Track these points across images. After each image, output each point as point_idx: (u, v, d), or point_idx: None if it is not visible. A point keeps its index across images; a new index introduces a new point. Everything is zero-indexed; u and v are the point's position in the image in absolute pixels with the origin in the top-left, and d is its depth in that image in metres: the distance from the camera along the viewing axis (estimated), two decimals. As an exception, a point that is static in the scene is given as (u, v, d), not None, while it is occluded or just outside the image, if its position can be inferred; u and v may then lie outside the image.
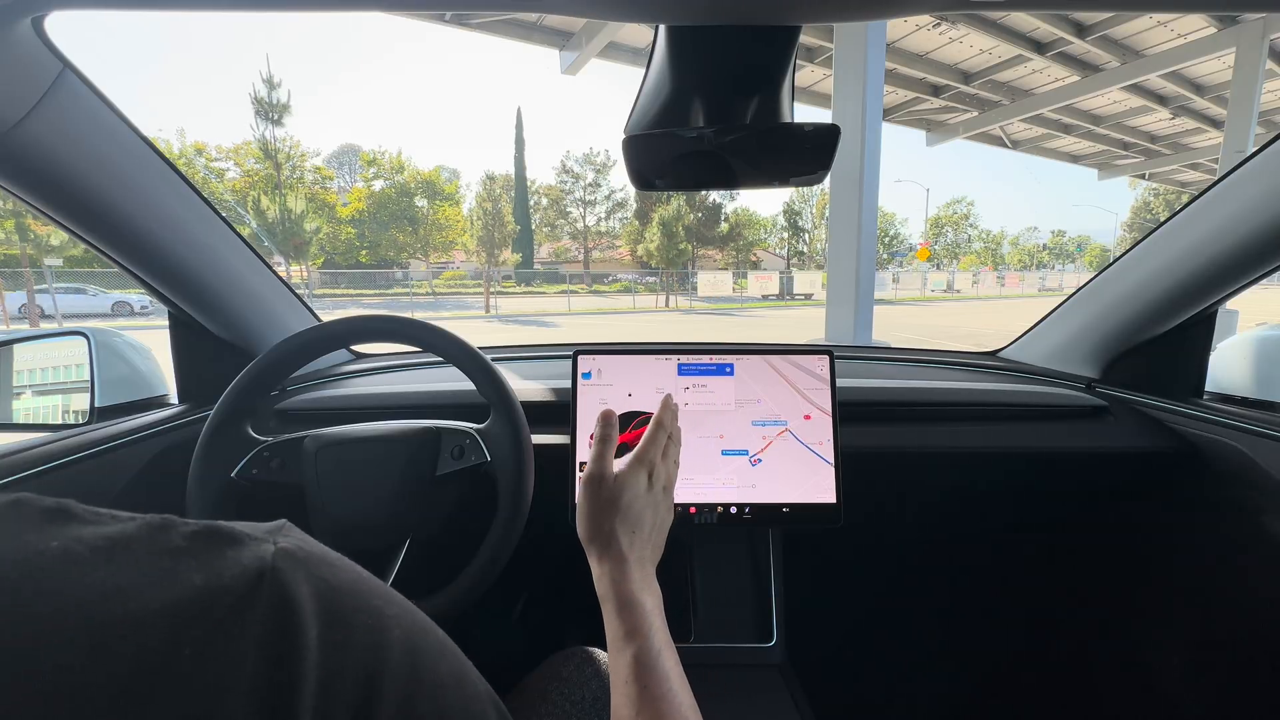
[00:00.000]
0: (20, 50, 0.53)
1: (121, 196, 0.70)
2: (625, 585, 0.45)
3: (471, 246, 23.41)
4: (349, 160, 41.21)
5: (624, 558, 0.47)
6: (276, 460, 0.71)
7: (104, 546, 0.15)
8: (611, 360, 0.84)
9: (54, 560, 0.14)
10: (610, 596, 0.45)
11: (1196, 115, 11.35)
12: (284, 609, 0.16)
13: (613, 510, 0.50)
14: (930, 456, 0.94)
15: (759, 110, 0.55)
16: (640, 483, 0.52)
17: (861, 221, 4.99)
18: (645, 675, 0.40)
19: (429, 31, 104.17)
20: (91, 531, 0.15)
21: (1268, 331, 0.88)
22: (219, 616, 0.15)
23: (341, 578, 0.19)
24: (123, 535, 0.16)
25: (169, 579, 0.15)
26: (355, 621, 0.18)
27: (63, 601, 0.13)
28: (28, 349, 0.91)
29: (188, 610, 0.15)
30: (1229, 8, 0.46)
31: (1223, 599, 0.88)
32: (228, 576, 0.16)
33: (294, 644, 0.15)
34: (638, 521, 0.50)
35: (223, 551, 0.17)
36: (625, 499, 0.50)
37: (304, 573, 0.17)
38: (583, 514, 0.51)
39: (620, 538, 0.48)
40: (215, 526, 0.17)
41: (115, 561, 0.15)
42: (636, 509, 0.50)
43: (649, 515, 0.51)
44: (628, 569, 0.47)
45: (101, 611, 0.14)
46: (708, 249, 33.19)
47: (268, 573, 0.16)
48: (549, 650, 0.72)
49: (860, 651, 1.24)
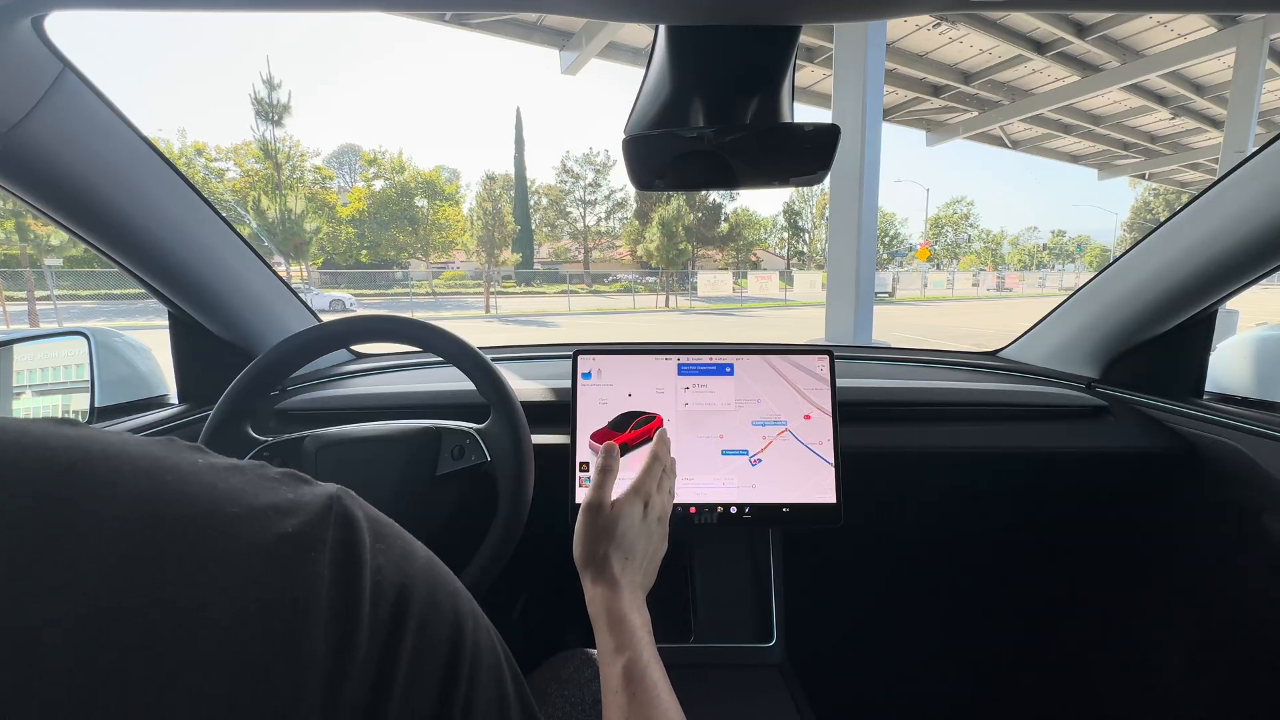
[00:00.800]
0: (20, 50, 0.53)
1: (121, 197, 0.70)
2: (616, 605, 0.48)
3: (471, 246, 23.41)
4: (349, 160, 41.22)
5: (616, 581, 0.50)
6: (276, 460, 0.71)
7: (228, 467, 0.22)
8: (611, 360, 0.84)
9: (203, 469, 0.21)
10: (602, 615, 0.48)
11: (1196, 115, 11.35)
12: (347, 521, 0.22)
13: (608, 538, 0.52)
14: (930, 456, 0.94)
15: (759, 110, 0.54)
16: (636, 513, 0.55)
17: (861, 221, 4.98)
18: (634, 685, 0.42)
19: (429, 31, 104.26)
20: (219, 460, 0.22)
21: (1268, 331, 0.88)
22: (307, 520, 0.21)
23: (380, 518, 0.25)
24: (237, 464, 0.22)
25: (271, 493, 0.21)
26: (392, 534, 0.24)
27: (210, 497, 0.20)
28: (28, 349, 0.91)
29: (284, 512, 0.20)
30: (1229, 8, 0.46)
31: (1222, 599, 0.88)
32: (308, 496, 0.22)
33: (355, 541, 0.21)
34: (631, 549, 0.53)
35: (301, 484, 0.23)
36: (621, 528, 0.53)
37: (357, 504, 0.24)
38: (580, 539, 0.53)
39: (614, 564, 0.51)
40: (293, 471, 0.24)
41: (237, 476, 0.21)
42: (630, 538, 0.53)
43: (642, 544, 0.54)
44: (619, 591, 0.49)
45: (225, 509, 0.20)
46: (708, 249, 33.20)
47: (334, 498, 0.22)
48: (549, 651, 0.72)
49: (860, 651, 1.24)
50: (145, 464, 0.20)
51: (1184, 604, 0.94)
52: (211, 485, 0.20)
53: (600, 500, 0.54)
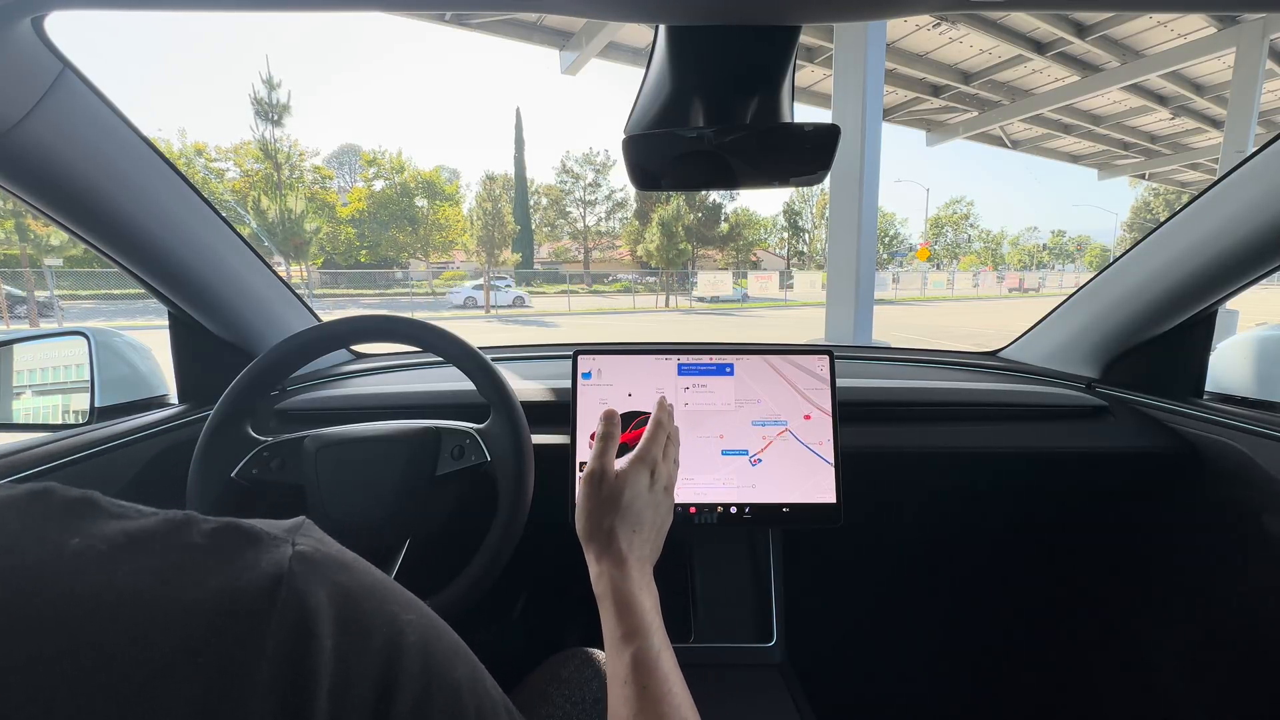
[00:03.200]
0: (20, 50, 0.53)
1: (121, 197, 0.70)
2: (624, 585, 0.45)
3: (471, 246, 23.43)
4: (349, 160, 41.19)
5: (624, 557, 0.47)
6: (276, 460, 0.71)
7: (124, 544, 0.15)
8: (611, 360, 0.84)
9: (72, 558, 0.14)
10: (608, 596, 0.45)
11: (1196, 115, 11.35)
12: (300, 616, 0.16)
13: (613, 508, 0.49)
14: (930, 456, 0.94)
15: (759, 110, 0.54)
16: (642, 481, 0.52)
17: (861, 221, 4.98)
18: (644, 675, 0.40)
19: (429, 31, 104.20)
20: (114, 527, 0.16)
21: (1268, 331, 0.88)
22: (236, 621, 0.15)
23: (358, 581, 0.19)
24: (142, 531, 0.16)
25: (186, 580, 0.15)
26: (372, 627, 0.18)
27: (75, 603, 0.13)
28: (28, 349, 0.91)
29: (203, 613, 0.14)
30: (1229, 8, 0.46)
31: (1223, 599, 0.88)
32: (244, 580, 0.15)
33: (309, 650, 0.15)
34: (638, 520, 0.50)
35: (241, 552, 0.17)
36: (626, 497, 0.50)
37: (320, 578, 0.17)
38: (583, 511, 0.51)
39: (620, 537, 0.48)
40: (235, 524, 0.17)
41: (134, 560, 0.15)
42: (637, 508, 0.50)
43: (649, 514, 0.51)
44: (627, 568, 0.46)
45: (113, 613, 0.13)
46: (708, 249, 33.19)
47: (284, 578, 0.16)
48: (548, 650, 0.72)
49: (860, 651, 1.24)
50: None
51: (1184, 604, 0.94)
52: (97, 584, 0.14)
53: (603, 468, 0.51)
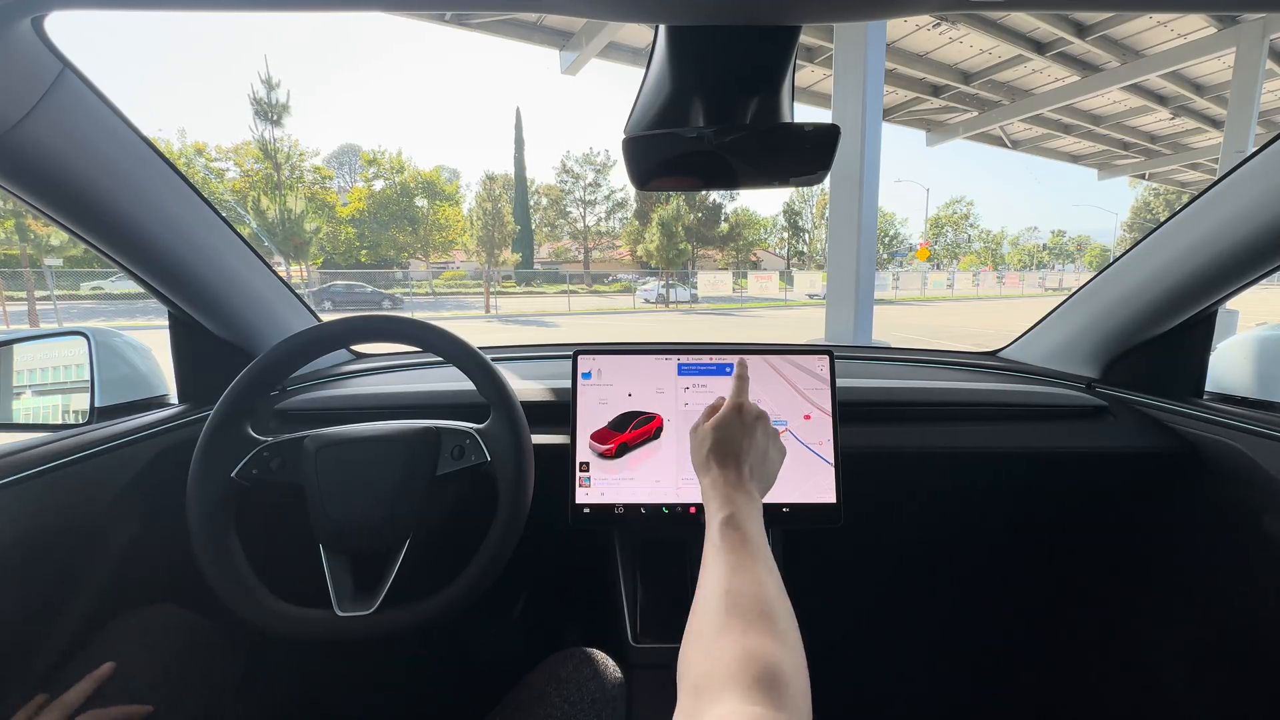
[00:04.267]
0: (20, 50, 0.53)
1: (121, 196, 0.70)
2: (737, 491, 0.50)
3: (471, 246, 23.39)
4: (349, 160, 41.19)
5: (744, 478, 0.52)
6: (276, 460, 0.71)
7: None
8: (611, 360, 0.84)
9: None
10: (718, 489, 0.51)
11: (1196, 115, 11.34)
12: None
13: (749, 436, 0.55)
14: (930, 456, 0.94)
15: (759, 110, 0.54)
16: (768, 419, 0.59)
17: (861, 221, 4.98)
18: (735, 536, 0.46)
19: (429, 31, 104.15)
20: None
21: (1268, 331, 0.88)
22: None
23: None
24: None
25: None
26: None
27: None
28: (28, 349, 0.91)
29: None
30: (1229, 8, 0.46)
31: (1223, 599, 0.88)
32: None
33: None
34: (763, 455, 0.56)
35: None
36: (760, 429, 0.57)
37: None
38: (721, 436, 0.55)
39: (745, 467, 0.53)
40: None
41: None
42: (763, 446, 0.57)
43: (774, 452, 0.59)
44: (746, 485, 0.52)
45: None
46: (708, 249, 33.19)
47: None
48: (548, 650, 0.72)
49: (860, 651, 1.24)
50: None
51: (1184, 604, 0.94)
52: None
53: (743, 403, 0.58)
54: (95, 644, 0.68)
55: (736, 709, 0.32)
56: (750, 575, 0.42)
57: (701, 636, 0.39)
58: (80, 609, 0.75)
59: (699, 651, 0.37)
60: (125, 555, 0.81)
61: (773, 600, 0.41)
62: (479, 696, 0.74)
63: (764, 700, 0.32)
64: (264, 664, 0.92)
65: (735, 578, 0.42)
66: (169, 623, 0.73)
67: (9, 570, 0.67)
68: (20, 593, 0.69)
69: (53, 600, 0.73)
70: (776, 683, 0.34)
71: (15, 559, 0.67)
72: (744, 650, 0.35)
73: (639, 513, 0.80)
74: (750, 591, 0.41)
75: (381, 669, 1.13)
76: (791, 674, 0.35)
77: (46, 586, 0.72)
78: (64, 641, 0.72)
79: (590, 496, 0.81)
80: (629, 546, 0.88)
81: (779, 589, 0.43)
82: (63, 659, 0.68)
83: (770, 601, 0.40)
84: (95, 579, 0.77)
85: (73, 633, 0.73)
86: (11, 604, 0.68)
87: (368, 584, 0.68)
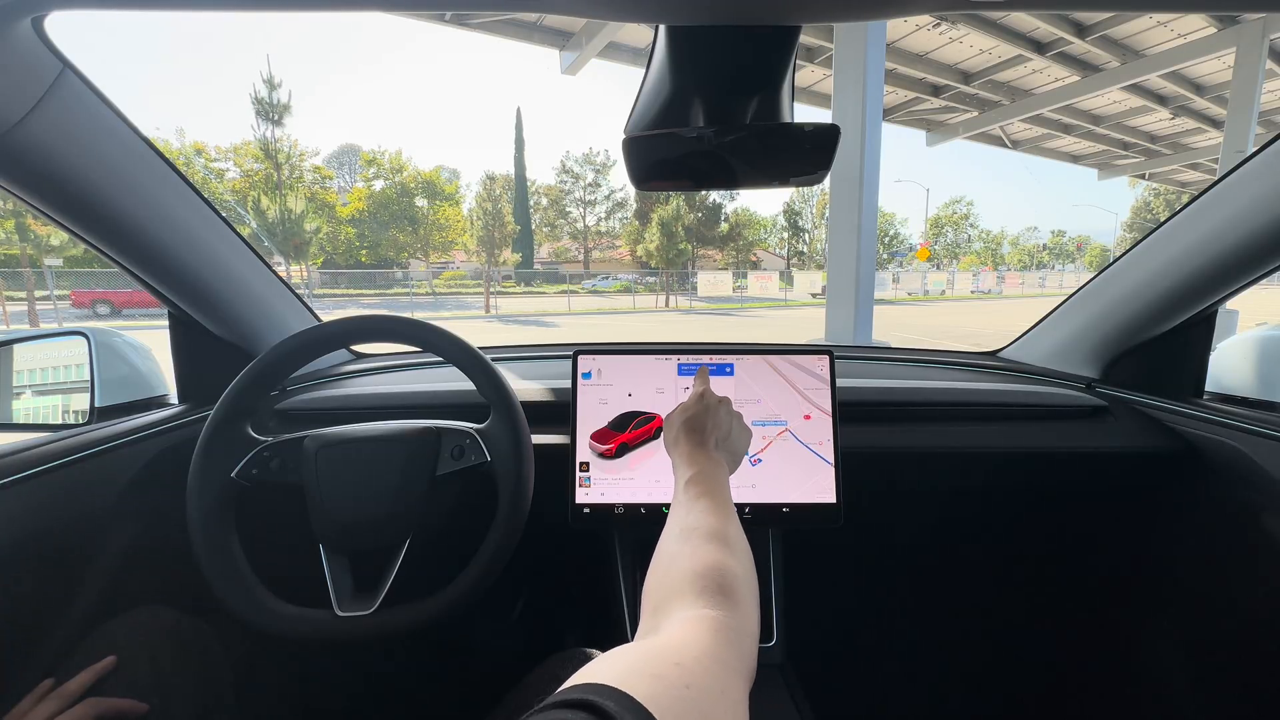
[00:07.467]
0: (20, 50, 0.53)
1: (121, 196, 0.70)
2: (704, 463, 0.53)
3: (471, 246, 23.38)
4: (349, 160, 41.21)
5: (710, 452, 0.56)
6: (276, 460, 0.71)
7: None
8: (611, 360, 0.84)
9: None
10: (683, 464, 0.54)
11: (1196, 115, 11.34)
12: None
13: (713, 417, 0.59)
14: (930, 456, 0.94)
15: (759, 110, 0.54)
16: (730, 403, 0.63)
17: (861, 222, 4.98)
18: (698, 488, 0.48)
19: (429, 31, 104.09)
20: None
21: (1268, 331, 0.88)
22: None
23: None
24: None
25: None
26: None
27: None
28: (28, 349, 0.91)
29: None
30: (1229, 8, 0.46)
31: (1222, 599, 0.88)
32: None
33: None
34: (727, 432, 0.60)
35: None
36: (723, 410, 0.61)
37: None
38: (688, 417, 0.59)
39: (709, 439, 0.57)
40: None
41: None
42: (726, 425, 0.61)
43: (739, 430, 0.63)
44: (711, 455, 0.55)
45: None
46: (708, 249, 33.19)
47: None
48: (548, 650, 0.72)
49: (860, 651, 1.24)
50: None
51: (1184, 603, 0.94)
52: None
53: (705, 390, 0.63)
54: (94, 643, 0.68)
55: (692, 613, 0.34)
56: (707, 516, 0.44)
57: (658, 565, 0.41)
58: (80, 608, 0.75)
59: (655, 578, 0.40)
60: (125, 555, 0.81)
61: (728, 530, 0.43)
62: (479, 697, 0.74)
63: (718, 604, 0.35)
64: (262, 664, 0.92)
65: (692, 517, 0.44)
66: (168, 622, 0.73)
67: (9, 570, 0.67)
68: (20, 592, 0.69)
69: (53, 600, 0.73)
70: (729, 588, 0.37)
71: (15, 559, 0.67)
72: (697, 564, 0.38)
73: (639, 513, 0.80)
74: (706, 524, 0.43)
75: (381, 669, 1.13)
76: (743, 580, 0.38)
77: (47, 586, 0.72)
78: (64, 641, 0.72)
79: (590, 496, 0.81)
80: (629, 546, 0.88)
81: (738, 531, 0.44)
82: (63, 658, 0.68)
83: (725, 530, 0.43)
84: (95, 579, 0.77)
85: (73, 632, 0.73)
86: (12, 603, 0.68)
87: (367, 584, 0.68)
